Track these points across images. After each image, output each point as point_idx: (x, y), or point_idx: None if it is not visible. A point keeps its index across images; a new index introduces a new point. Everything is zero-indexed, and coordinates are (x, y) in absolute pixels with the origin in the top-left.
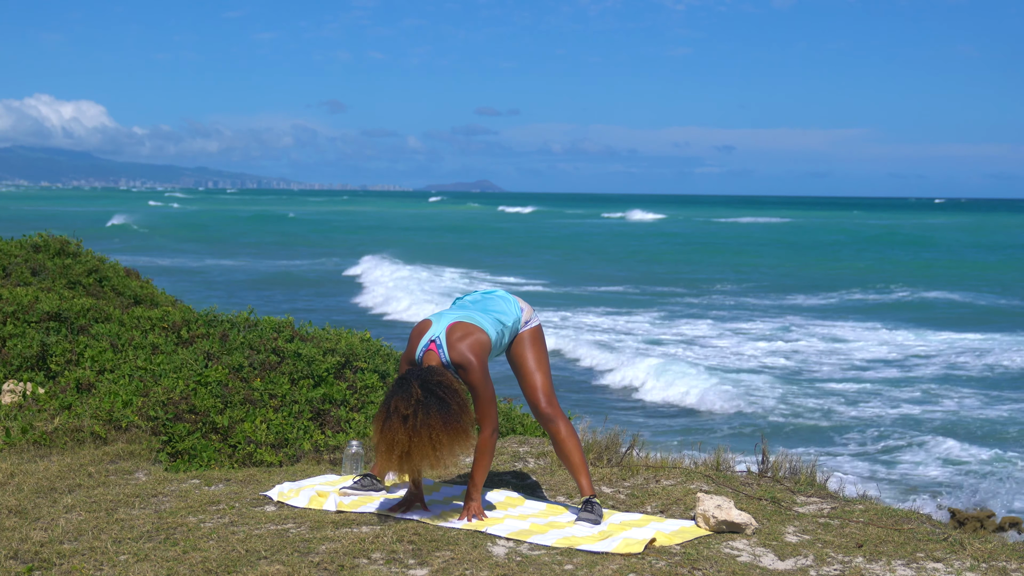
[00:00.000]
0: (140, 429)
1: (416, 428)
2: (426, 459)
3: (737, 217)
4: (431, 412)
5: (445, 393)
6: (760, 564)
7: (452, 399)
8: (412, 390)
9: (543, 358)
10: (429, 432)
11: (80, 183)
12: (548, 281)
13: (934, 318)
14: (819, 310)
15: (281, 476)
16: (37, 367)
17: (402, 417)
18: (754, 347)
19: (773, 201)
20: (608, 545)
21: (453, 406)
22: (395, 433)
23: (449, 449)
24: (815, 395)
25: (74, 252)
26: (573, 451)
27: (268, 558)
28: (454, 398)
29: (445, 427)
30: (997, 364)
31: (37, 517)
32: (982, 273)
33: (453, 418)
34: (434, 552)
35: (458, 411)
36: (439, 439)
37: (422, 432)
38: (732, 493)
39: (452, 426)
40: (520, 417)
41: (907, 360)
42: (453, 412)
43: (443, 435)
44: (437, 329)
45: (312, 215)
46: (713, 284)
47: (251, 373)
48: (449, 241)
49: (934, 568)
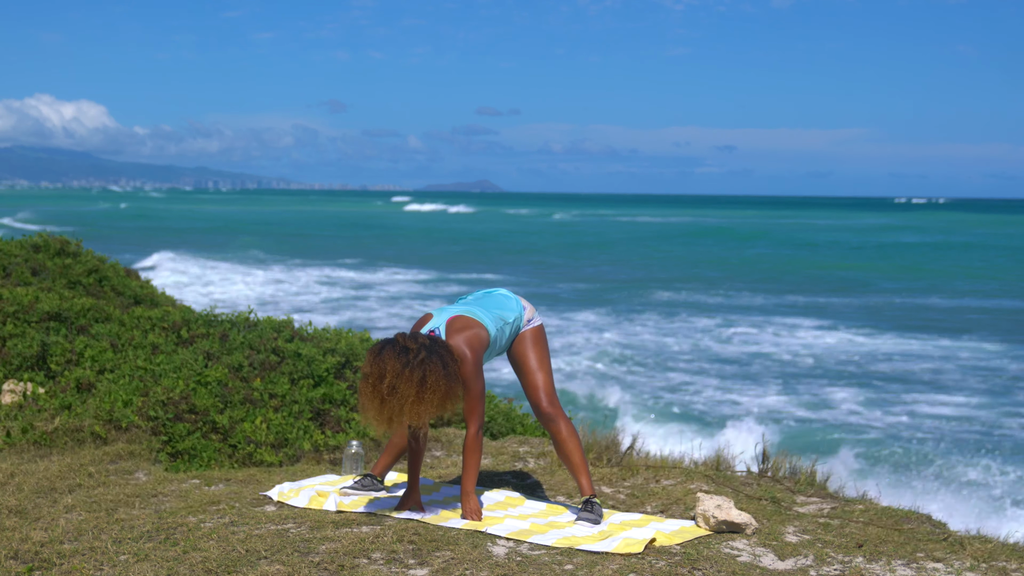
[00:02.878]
0: (140, 429)
1: (412, 365)
2: (409, 400)
3: (634, 216)
4: (432, 359)
5: (448, 353)
6: (760, 564)
7: (452, 362)
8: (420, 337)
9: (545, 358)
10: (424, 372)
11: (80, 183)
12: (355, 265)
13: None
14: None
15: (281, 476)
16: (37, 367)
17: (403, 348)
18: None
19: (752, 201)
20: (608, 545)
21: (452, 366)
22: (388, 363)
23: (438, 399)
24: (814, 395)
25: (74, 252)
26: (574, 451)
27: (268, 558)
28: (453, 362)
29: (441, 375)
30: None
31: (37, 517)
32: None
33: (450, 372)
34: (434, 552)
35: (454, 372)
36: (434, 383)
37: (417, 370)
38: (732, 493)
39: (449, 376)
40: (520, 417)
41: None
42: (451, 369)
43: (439, 381)
44: (438, 321)
45: (157, 211)
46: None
47: (251, 373)
48: (301, 239)
49: (934, 568)
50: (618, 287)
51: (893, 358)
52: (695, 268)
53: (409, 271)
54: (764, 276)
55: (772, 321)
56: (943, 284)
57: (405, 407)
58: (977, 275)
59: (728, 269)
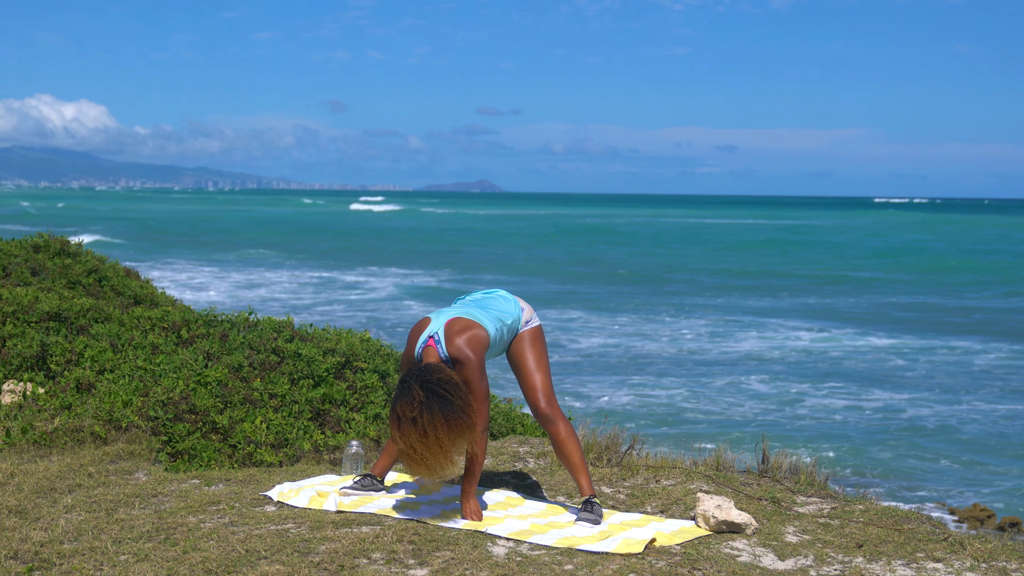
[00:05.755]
0: (140, 429)
1: (424, 431)
2: (439, 458)
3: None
4: (434, 411)
5: (446, 390)
6: (760, 564)
7: (454, 394)
8: (413, 393)
9: (543, 358)
10: (435, 432)
11: (80, 183)
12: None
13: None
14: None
15: (281, 476)
16: (37, 367)
17: (410, 420)
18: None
19: (735, 201)
20: (608, 545)
21: (456, 401)
22: (409, 438)
23: (458, 446)
24: (812, 395)
25: (74, 252)
26: (573, 451)
27: (268, 558)
28: (456, 393)
29: (448, 424)
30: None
31: (37, 517)
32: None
33: (456, 414)
34: (434, 552)
35: (461, 406)
36: (446, 438)
37: (430, 434)
38: (732, 493)
39: (456, 422)
40: (520, 417)
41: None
42: (456, 408)
43: (449, 433)
44: (436, 325)
45: (59, 210)
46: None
47: (251, 373)
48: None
49: (934, 568)
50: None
51: (893, 357)
52: (695, 267)
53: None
54: (764, 276)
55: (772, 321)
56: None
57: (442, 464)
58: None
59: (728, 270)
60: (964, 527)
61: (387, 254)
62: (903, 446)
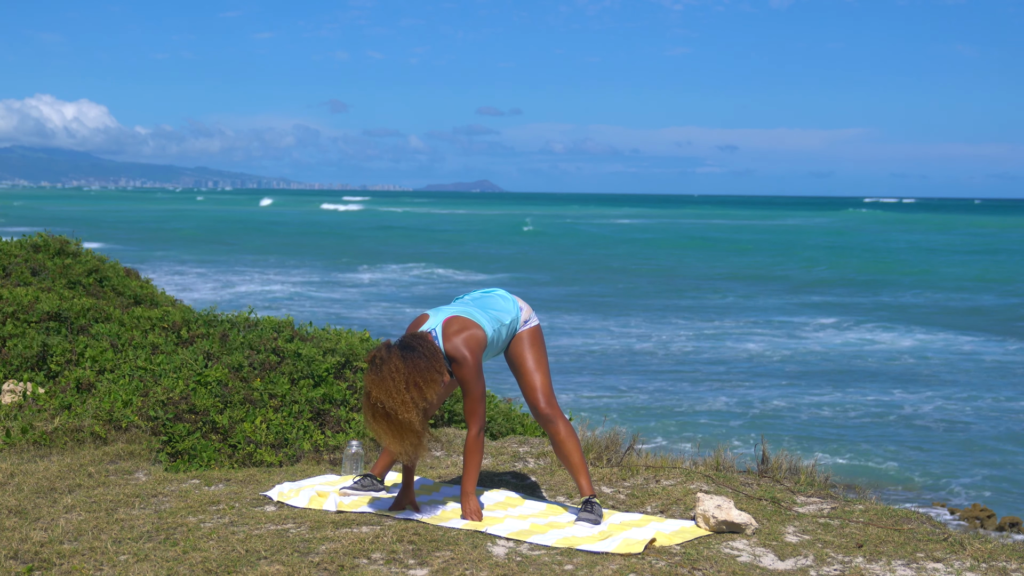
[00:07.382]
0: (140, 429)
1: (382, 374)
2: (398, 404)
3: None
4: (393, 355)
5: (414, 341)
6: (760, 564)
7: (422, 347)
8: (383, 344)
9: (542, 358)
10: (393, 375)
11: (80, 183)
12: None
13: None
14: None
15: (281, 476)
16: (37, 367)
17: (372, 362)
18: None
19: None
20: (608, 545)
21: (421, 351)
22: (367, 381)
23: (417, 390)
24: (815, 395)
25: (74, 252)
26: (572, 451)
27: (268, 558)
28: (424, 346)
29: (407, 366)
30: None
31: (37, 517)
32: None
33: (418, 357)
34: (434, 552)
35: (427, 356)
36: (407, 380)
37: (386, 377)
38: (732, 493)
39: (415, 364)
40: (520, 417)
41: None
42: (419, 354)
43: (410, 375)
44: (434, 322)
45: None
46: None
47: (251, 373)
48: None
49: (934, 568)
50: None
51: (894, 358)
52: (692, 268)
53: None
54: (764, 277)
55: (772, 321)
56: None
57: (400, 405)
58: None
59: (728, 269)
60: (964, 527)
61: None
62: (903, 446)
